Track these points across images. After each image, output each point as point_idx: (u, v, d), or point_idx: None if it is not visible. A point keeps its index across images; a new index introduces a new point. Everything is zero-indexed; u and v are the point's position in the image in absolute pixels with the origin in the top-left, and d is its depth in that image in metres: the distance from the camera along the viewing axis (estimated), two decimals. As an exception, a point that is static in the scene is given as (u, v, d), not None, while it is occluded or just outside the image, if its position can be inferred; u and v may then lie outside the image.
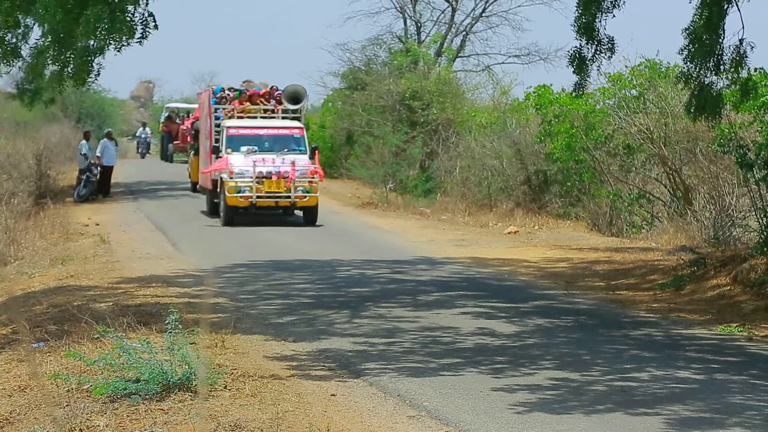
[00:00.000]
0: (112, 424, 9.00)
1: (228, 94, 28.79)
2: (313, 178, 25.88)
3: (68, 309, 13.92)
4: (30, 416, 9.56)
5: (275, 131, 27.07)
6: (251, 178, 25.50)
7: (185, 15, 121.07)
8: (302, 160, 26.23)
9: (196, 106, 54.25)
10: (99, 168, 33.13)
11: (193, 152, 34.56)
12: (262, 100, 29.05)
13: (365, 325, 13.54)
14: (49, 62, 15.74)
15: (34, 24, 15.67)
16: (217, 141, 27.37)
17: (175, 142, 50.56)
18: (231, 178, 25.51)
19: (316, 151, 27.19)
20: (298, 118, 28.40)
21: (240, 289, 16.49)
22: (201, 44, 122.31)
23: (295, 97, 28.53)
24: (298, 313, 14.37)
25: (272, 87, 29.23)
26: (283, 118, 28.35)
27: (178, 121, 51.67)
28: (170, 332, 10.23)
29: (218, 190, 26.54)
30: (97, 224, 25.84)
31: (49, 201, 30.33)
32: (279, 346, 12.25)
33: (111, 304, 14.50)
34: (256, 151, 26.28)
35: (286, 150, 26.48)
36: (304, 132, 27.35)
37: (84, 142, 33.32)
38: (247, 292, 16.15)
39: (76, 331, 12.39)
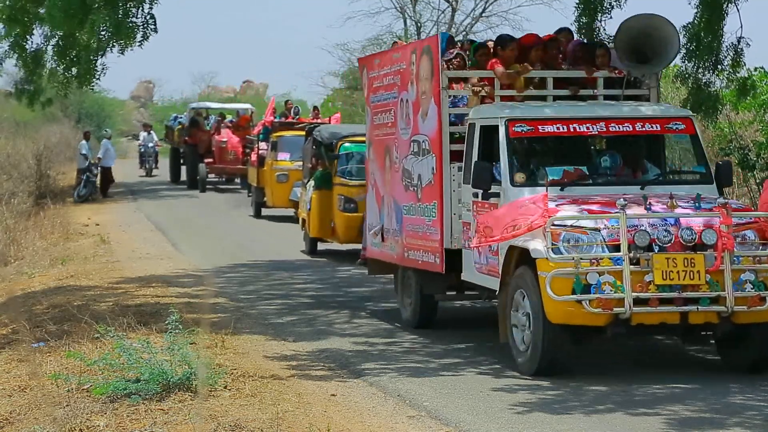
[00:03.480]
0: (112, 424, 9.00)
1: (460, 53, 12.60)
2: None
3: (68, 309, 13.92)
4: (30, 416, 9.57)
5: (622, 127, 11.61)
6: (611, 249, 10.20)
7: (185, 15, 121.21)
8: (712, 195, 11.16)
9: (241, 105, 40.36)
10: (99, 168, 33.13)
11: (314, 183, 19.87)
12: (555, 57, 12.95)
13: (365, 325, 13.54)
14: (54, 64, 15.87)
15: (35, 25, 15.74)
16: (454, 158, 12.09)
17: (206, 161, 34.82)
18: (555, 250, 10.17)
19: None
20: (641, 97, 12.65)
21: (240, 289, 16.50)
22: (201, 44, 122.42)
23: (642, 47, 12.39)
24: (298, 313, 14.38)
25: (562, 29, 13.44)
26: (605, 97, 12.48)
27: (208, 128, 36.13)
28: (170, 332, 10.24)
29: (505, 280, 10.96)
30: (97, 224, 25.82)
31: (49, 201, 30.31)
32: (279, 346, 12.25)
33: (111, 304, 14.51)
34: (588, 181, 11.42)
35: (658, 174, 11.98)
36: (695, 127, 11.83)
37: (84, 142, 33.29)
38: (247, 292, 16.16)
39: (76, 331, 12.40)
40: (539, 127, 11.43)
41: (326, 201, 19.34)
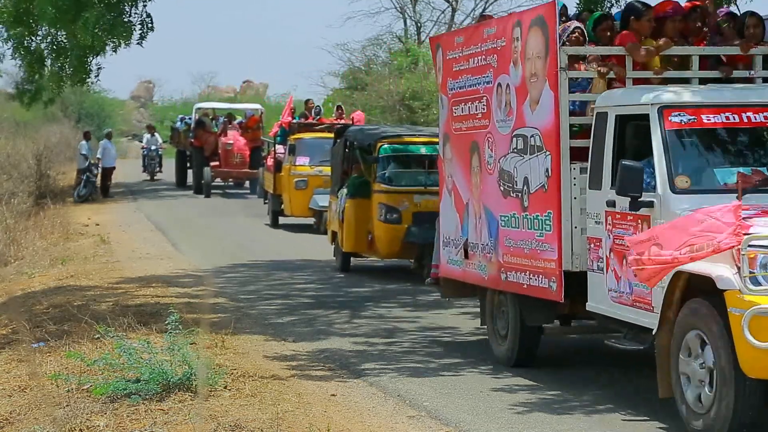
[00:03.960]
0: (112, 424, 9.00)
1: (579, 26, 10.24)
2: None
3: (68, 309, 13.92)
4: (30, 416, 9.57)
5: None
6: None
7: (185, 15, 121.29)
8: None
9: (250, 105, 38.85)
10: (99, 168, 33.12)
11: (347, 190, 17.62)
12: (697, 31, 10.59)
13: (365, 325, 13.55)
14: (50, 63, 15.88)
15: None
16: (574, 156, 9.79)
17: (212, 164, 33.05)
18: (753, 279, 7.72)
19: None
20: None
21: (240, 289, 16.50)
22: (201, 44, 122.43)
23: None
24: (298, 313, 14.38)
25: None
26: (764, 80, 10.18)
27: (215, 129, 34.48)
28: (170, 332, 10.24)
29: (667, 316, 8.53)
30: (97, 224, 25.81)
31: (49, 201, 30.30)
32: (279, 346, 12.26)
33: (111, 304, 14.51)
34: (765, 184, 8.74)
35: None
36: None
37: (84, 142, 33.28)
38: (247, 292, 16.16)
39: (76, 331, 12.40)
40: (703, 116, 8.88)
41: (363, 211, 17.06)
